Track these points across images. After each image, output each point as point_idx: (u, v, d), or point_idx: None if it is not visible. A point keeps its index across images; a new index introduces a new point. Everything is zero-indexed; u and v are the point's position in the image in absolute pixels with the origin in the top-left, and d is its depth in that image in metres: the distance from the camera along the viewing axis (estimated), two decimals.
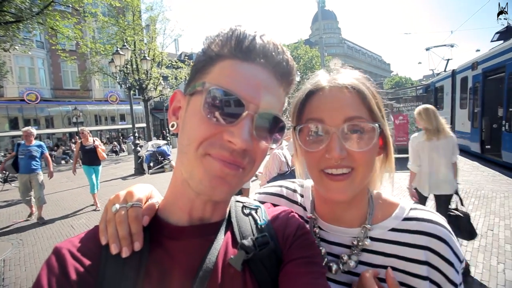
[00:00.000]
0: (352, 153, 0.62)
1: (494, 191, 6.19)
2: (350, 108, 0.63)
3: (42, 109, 23.08)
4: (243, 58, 0.52)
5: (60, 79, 24.21)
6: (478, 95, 10.01)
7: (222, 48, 0.53)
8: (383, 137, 0.69)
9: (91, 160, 7.09)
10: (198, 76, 0.55)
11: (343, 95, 0.64)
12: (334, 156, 0.60)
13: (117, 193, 0.63)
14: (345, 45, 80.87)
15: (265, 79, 0.53)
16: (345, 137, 0.62)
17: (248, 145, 0.50)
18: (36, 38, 20.14)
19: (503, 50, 8.57)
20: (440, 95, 14.73)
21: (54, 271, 0.48)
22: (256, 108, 0.51)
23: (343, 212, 0.73)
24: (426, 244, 0.64)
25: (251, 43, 0.52)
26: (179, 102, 0.60)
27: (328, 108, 0.64)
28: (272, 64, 0.54)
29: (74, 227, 5.90)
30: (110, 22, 16.25)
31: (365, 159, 0.63)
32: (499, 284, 3.05)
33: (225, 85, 0.50)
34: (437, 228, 0.65)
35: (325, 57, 20.84)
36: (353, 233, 0.71)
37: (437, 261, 0.63)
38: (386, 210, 0.72)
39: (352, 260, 0.68)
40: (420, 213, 0.68)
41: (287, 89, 0.59)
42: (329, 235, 0.75)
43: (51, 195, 9.21)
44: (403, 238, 0.66)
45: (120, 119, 28.38)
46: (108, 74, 18.19)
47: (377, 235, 0.69)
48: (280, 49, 0.55)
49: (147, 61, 13.80)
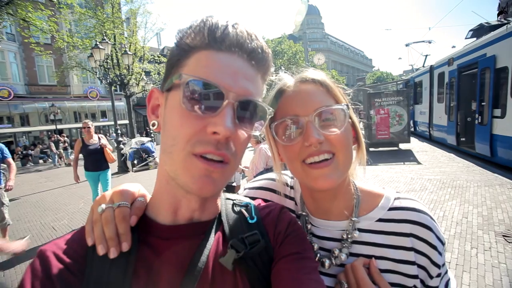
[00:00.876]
0: (328, 137, 0.64)
1: (468, 181, 6.54)
2: (318, 98, 0.67)
3: (16, 106, 21.83)
4: (217, 48, 0.52)
5: (35, 74, 22.93)
6: (454, 90, 10.48)
7: (195, 39, 0.53)
8: (354, 127, 0.73)
9: (97, 164, 5.36)
10: (174, 70, 0.54)
11: (309, 88, 0.69)
12: (312, 141, 0.62)
13: (103, 193, 0.62)
14: (328, 40, 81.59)
15: (241, 66, 0.53)
16: (319, 124, 0.65)
17: (231, 133, 0.50)
18: (6, 30, 19.00)
19: (475, 47, 8.99)
20: (419, 90, 15.27)
21: (38, 274, 0.47)
22: (236, 96, 0.51)
23: (330, 204, 0.74)
24: (410, 231, 0.68)
25: (223, 33, 0.52)
26: (157, 100, 0.59)
27: (298, 101, 0.67)
28: (246, 52, 0.53)
29: (56, 229, 5.69)
30: (88, 14, 15.51)
31: (343, 142, 0.66)
32: (472, 267, 3.26)
33: (203, 76, 0.50)
34: (420, 216, 0.69)
35: (309, 52, 20.96)
36: (342, 226, 0.73)
37: (422, 246, 0.67)
38: (372, 201, 0.75)
39: (343, 253, 0.70)
40: (404, 202, 0.72)
41: (264, 76, 0.59)
42: (320, 230, 0.76)
43: (30, 196, 8.84)
44: (389, 228, 0.70)
45: (101, 116, 27.39)
46: (87, 69, 17.45)
47: (365, 226, 0.72)
48: (254, 36, 0.55)
49: (129, 56, 13.34)
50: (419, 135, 15.59)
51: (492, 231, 4.04)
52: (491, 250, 3.59)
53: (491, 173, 7.04)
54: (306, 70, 0.74)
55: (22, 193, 9.34)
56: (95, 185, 5.47)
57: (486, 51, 8.24)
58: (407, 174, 7.58)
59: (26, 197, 8.81)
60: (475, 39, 9.86)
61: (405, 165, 8.72)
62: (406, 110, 10.97)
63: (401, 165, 8.73)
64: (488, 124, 8.02)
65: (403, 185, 6.61)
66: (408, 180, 6.99)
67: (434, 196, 5.63)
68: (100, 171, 5.43)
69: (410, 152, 10.77)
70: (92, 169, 5.38)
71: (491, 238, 3.86)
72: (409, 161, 9.19)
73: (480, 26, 10.07)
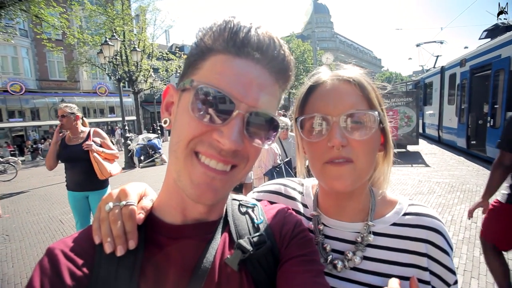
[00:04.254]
0: (352, 142, 0.62)
1: (478, 185, 6.40)
2: (350, 99, 0.64)
3: (27, 101, 22.33)
4: (236, 53, 0.50)
5: (45, 70, 23.37)
6: (466, 92, 10.24)
7: (215, 41, 0.51)
8: (384, 134, 0.70)
9: (84, 179, 3.22)
10: (189, 71, 0.53)
11: (343, 87, 0.65)
12: (335, 143, 0.61)
13: (110, 191, 0.62)
14: (337, 39, 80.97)
15: (259, 75, 0.50)
16: (346, 127, 0.62)
17: (237, 146, 0.48)
18: (19, 26, 19.36)
19: (490, 48, 8.75)
20: (429, 91, 15.01)
21: (46, 272, 0.47)
22: (248, 108, 0.49)
23: (345, 203, 0.73)
24: (426, 237, 0.67)
25: (245, 36, 0.50)
26: (172, 97, 0.57)
27: (329, 99, 0.65)
28: (267, 59, 0.51)
29: (63, 222, 5.80)
30: (98, 11, 15.76)
31: (365, 150, 0.63)
32: (481, 274, 3.18)
33: (215, 83, 0.48)
34: (434, 222, 0.69)
35: (317, 51, 20.80)
36: (356, 228, 0.72)
37: (436, 253, 0.67)
38: (386, 206, 0.74)
39: (357, 256, 0.69)
40: (418, 209, 0.72)
41: (283, 86, 0.57)
42: (332, 230, 0.75)
43: (38, 189, 9.03)
44: (404, 232, 0.69)
45: (110, 112, 27.79)
46: (96, 65, 17.73)
47: (380, 230, 0.71)
48: (277, 43, 0.52)
49: (137, 53, 13.51)
50: (427, 137, 15.34)
51: None
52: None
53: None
54: (345, 66, 0.71)
55: (31, 186, 9.56)
56: (80, 213, 3.32)
57: (501, 52, 8.01)
58: (415, 176, 7.46)
59: (35, 190, 9.01)
60: (490, 39, 9.60)
61: (413, 167, 8.59)
62: (415, 111, 10.79)
63: (409, 167, 8.59)
64: (501, 127, 7.82)
65: (410, 187, 6.51)
66: (416, 182, 6.88)
67: (442, 200, 5.52)
68: (89, 190, 3.28)
69: (418, 154, 10.61)
70: (74, 188, 3.25)
71: None
72: (417, 164, 9.05)
73: (496, 26, 9.80)
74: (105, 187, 3.39)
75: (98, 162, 3.20)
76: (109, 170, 3.28)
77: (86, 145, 3.17)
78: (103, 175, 3.23)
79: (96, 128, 3.55)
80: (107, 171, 3.25)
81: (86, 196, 3.32)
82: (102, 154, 3.30)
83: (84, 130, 3.39)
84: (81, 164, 3.19)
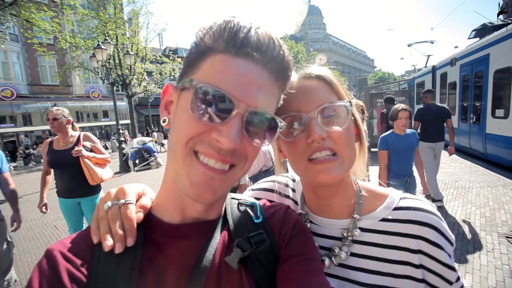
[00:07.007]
0: (331, 134, 0.63)
1: (470, 181, 6.51)
2: (320, 94, 0.66)
3: (19, 106, 21.94)
4: (236, 53, 0.50)
5: (37, 74, 23.05)
6: (457, 90, 10.43)
7: (215, 41, 0.51)
8: (356, 125, 0.72)
9: (73, 184, 3.17)
10: (189, 70, 0.54)
11: (311, 84, 0.68)
12: (315, 138, 0.61)
13: (108, 190, 0.62)
14: (330, 40, 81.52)
15: (258, 75, 0.51)
16: (321, 121, 0.64)
17: (236, 145, 0.48)
18: (9, 31, 19.09)
19: (478, 47, 8.95)
20: (422, 90, 15.18)
21: (45, 273, 0.47)
22: (247, 107, 0.49)
23: (331, 200, 0.73)
24: (418, 233, 0.64)
25: (245, 36, 0.50)
26: (171, 96, 0.57)
27: (301, 98, 0.66)
28: (267, 59, 0.51)
29: (58, 227, 5.72)
30: (90, 15, 15.61)
31: (345, 140, 0.65)
32: (475, 269, 3.24)
33: (215, 83, 0.48)
34: (428, 216, 0.66)
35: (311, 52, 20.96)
36: (342, 224, 0.72)
37: (430, 249, 0.64)
38: (376, 200, 0.72)
39: (343, 251, 0.68)
40: (411, 202, 0.69)
41: (282, 86, 0.57)
42: (320, 228, 0.75)
43: (32, 195, 8.87)
44: (394, 228, 0.67)
45: (103, 116, 27.51)
46: (89, 69, 17.54)
47: (367, 226, 0.69)
48: (277, 43, 0.53)
49: (130, 56, 13.41)
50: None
51: (495, 232, 4.02)
52: (494, 251, 3.56)
53: (494, 174, 6.99)
54: (310, 66, 0.72)
55: (24, 192, 9.38)
56: (73, 219, 3.25)
57: (489, 51, 8.20)
58: None
59: (28, 196, 8.85)
60: (478, 39, 9.80)
61: None
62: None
63: None
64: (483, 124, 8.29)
65: None
66: None
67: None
68: (80, 197, 3.21)
69: None
70: (65, 194, 3.20)
71: (494, 239, 3.83)
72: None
73: (483, 26, 10.00)
74: (97, 192, 3.34)
75: (89, 167, 3.13)
76: (100, 175, 3.21)
77: (76, 151, 3.08)
78: (94, 180, 3.16)
79: (86, 132, 3.49)
80: (98, 176, 3.18)
81: (78, 202, 3.27)
82: (93, 159, 3.22)
83: (74, 135, 3.32)
84: (71, 170, 3.12)
